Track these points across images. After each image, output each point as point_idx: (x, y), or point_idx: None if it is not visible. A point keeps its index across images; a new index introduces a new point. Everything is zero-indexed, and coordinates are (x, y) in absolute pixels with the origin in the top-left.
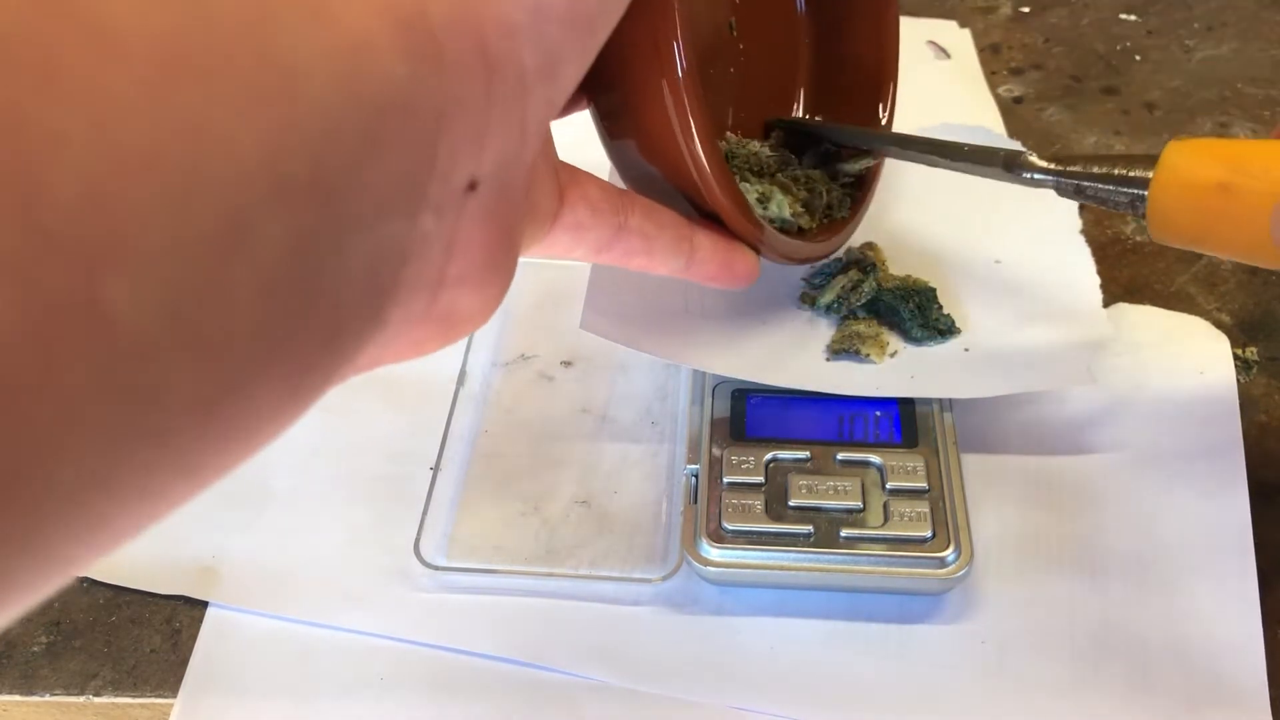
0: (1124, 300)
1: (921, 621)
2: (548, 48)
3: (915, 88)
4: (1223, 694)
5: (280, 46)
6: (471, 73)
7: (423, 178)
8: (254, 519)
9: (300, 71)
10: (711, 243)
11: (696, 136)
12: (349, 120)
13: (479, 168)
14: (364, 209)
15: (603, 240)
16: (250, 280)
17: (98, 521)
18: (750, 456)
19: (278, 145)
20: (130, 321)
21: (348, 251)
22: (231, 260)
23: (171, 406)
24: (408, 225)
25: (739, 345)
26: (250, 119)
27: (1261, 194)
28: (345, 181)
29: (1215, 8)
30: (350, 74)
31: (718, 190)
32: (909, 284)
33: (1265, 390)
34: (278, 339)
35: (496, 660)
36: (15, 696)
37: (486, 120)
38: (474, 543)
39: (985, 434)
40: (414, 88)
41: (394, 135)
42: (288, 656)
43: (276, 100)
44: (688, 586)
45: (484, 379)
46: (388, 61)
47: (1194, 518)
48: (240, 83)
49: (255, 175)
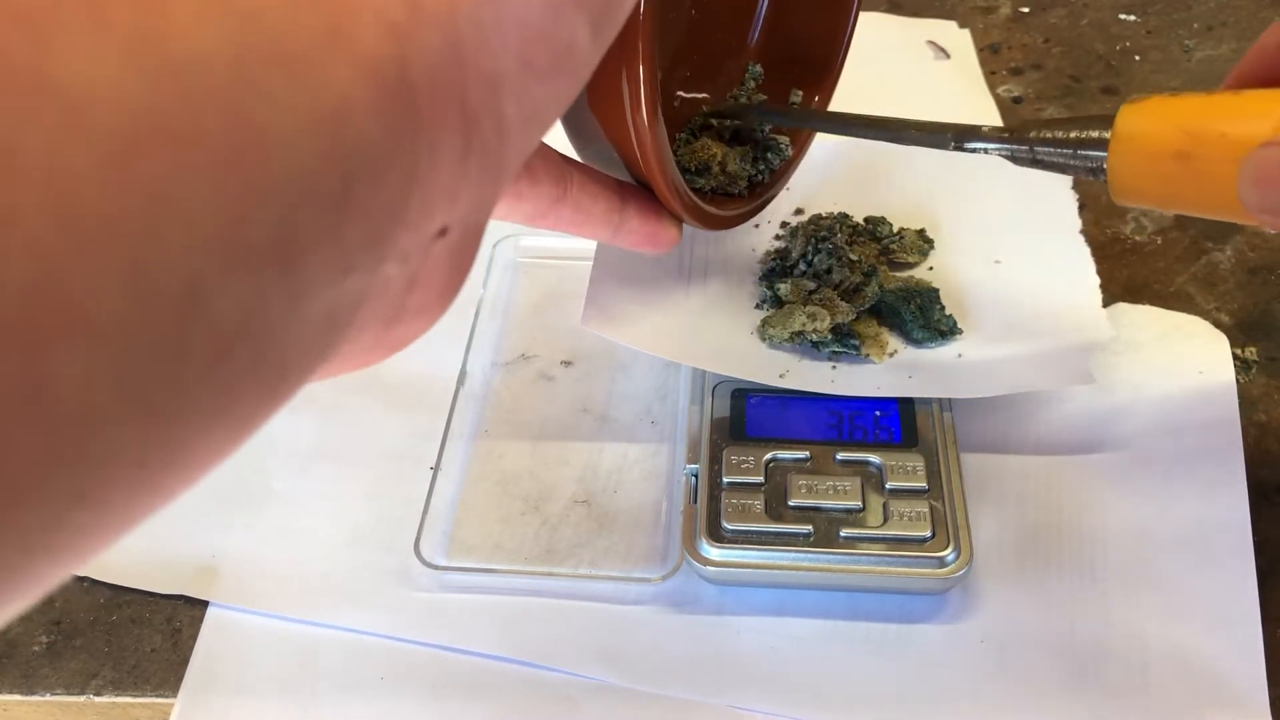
0: (1124, 300)
1: (921, 621)
2: (531, 98)
3: (915, 88)
4: (1223, 694)
5: (255, 109)
6: (450, 129)
7: (392, 233)
8: (254, 519)
9: (273, 136)
10: (640, 216)
11: (647, 123)
12: (320, 184)
13: (451, 217)
14: (328, 269)
15: (539, 209)
16: (202, 347)
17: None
18: (750, 456)
19: (243, 212)
20: (76, 398)
21: (305, 307)
22: (184, 330)
23: (113, 470)
24: (370, 276)
25: (739, 345)
26: (217, 187)
27: (1222, 160)
28: (310, 244)
29: (1215, 8)
30: (325, 137)
31: (659, 176)
32: (911, 285)
33: (1265, 390)
34: (225, 395)
35: (497, 660)
36: (16, 696)
37: (463, 172)
38: (474, 542)
39: (985, 434)
40: (389, 148)
41: (365, 197)
42: (288, 656)
43: (246, 166)
44: (688, 586)
45: (484, 379)
46: (364, 123)
47: (1194, 517)
48: (209, 150)
49: (216, 244)
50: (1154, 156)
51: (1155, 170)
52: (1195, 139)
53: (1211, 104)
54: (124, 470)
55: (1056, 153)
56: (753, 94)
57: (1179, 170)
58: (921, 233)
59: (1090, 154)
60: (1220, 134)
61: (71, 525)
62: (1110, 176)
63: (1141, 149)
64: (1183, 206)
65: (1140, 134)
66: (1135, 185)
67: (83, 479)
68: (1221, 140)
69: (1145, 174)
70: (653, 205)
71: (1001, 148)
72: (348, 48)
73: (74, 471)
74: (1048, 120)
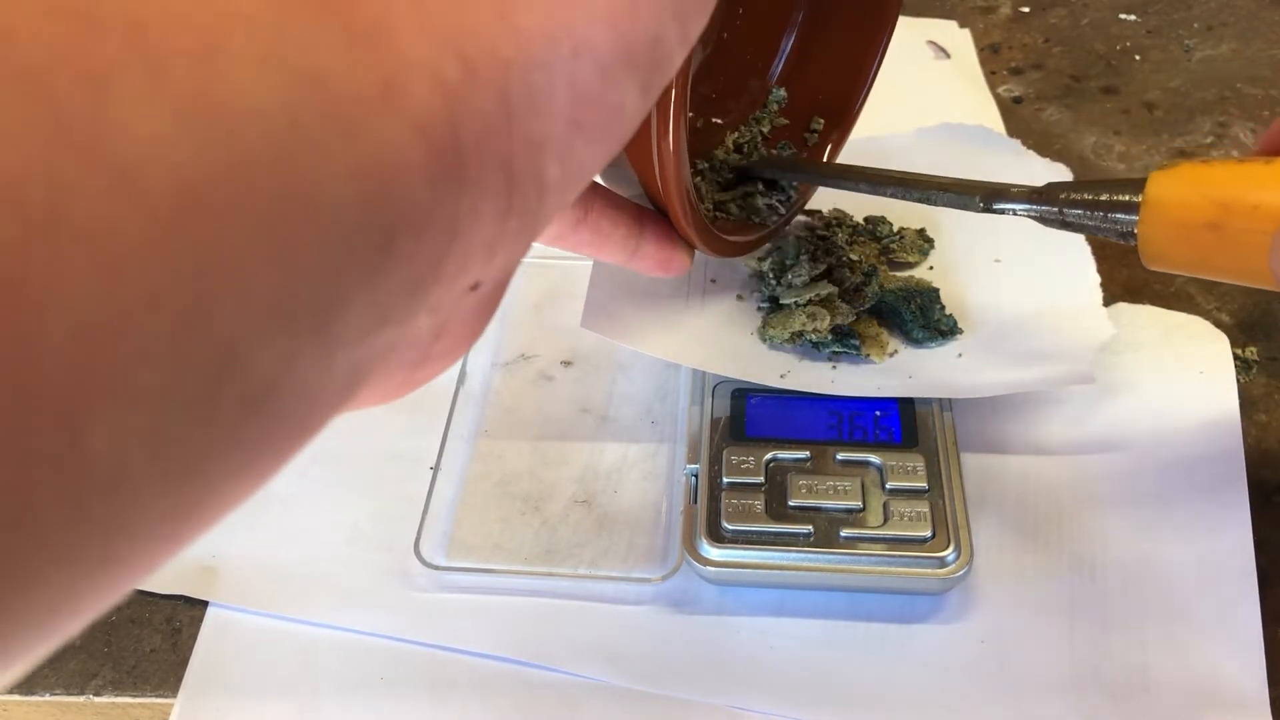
0: (1124, 300)
1: (921, 621)
2: (575, 159)
3: (915, 88)
4: (1223, 694)
5: (306, 172)
6: (493, 190)
7: (427, 288)
8: (254, 519)
9: (322, 198)
10: (656, 244)
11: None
12: (363, 244)
13: (485, 272)
14: (362, 324)
15: (559, 232)
16: (232, 408)
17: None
18: (750, 456)
19: (288, 276)
20: (109, 462)
21: (336, 361)
22: (218, 392)
23: (139, 530)
24: (401, 329)
25: (739, 346)
26: (263, 251)
27: (1254, 232)
28: (348, 303)
29: (1215, 7)
30: (372, 198)
31: (677, 204)
32: (911, 285)
33: (1265, 390)
34: (249, 451)
35: (496, 660)
36: (15, 696)
37: (501, 230)
38: (474, 542)
39: (985, 434)
40: (433, 207)
41: (405, 255)
42: (288, 656)
43: (293, 230)
44: (688, 586)
45: (484, 379)
46: (411, 183)
47: (1194, 517)
48: (258, 215)
49: (259, 308)
50: (1185, 226)
51: (1187, 240)
52: (1227, 210)
53: (1242, 174)
54: (150, 527)
55: (1087, 215)
56: (775, 117)
57: (1211, 241)
58: (921, 232)
59: (1120, 218)
60: (1252, 206)
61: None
62: (1141, 244)
63: (1173, 219)
64: (1215, 274)
65: (1171, 203)
66: (1166, 253)
67: (111, 540)
68: (1254, 213)
69: (1177, 243)
70: (668, 232)
71: (1030, 209)
72: (399, 106)
73: (104, 534)
74: (1077, 183)
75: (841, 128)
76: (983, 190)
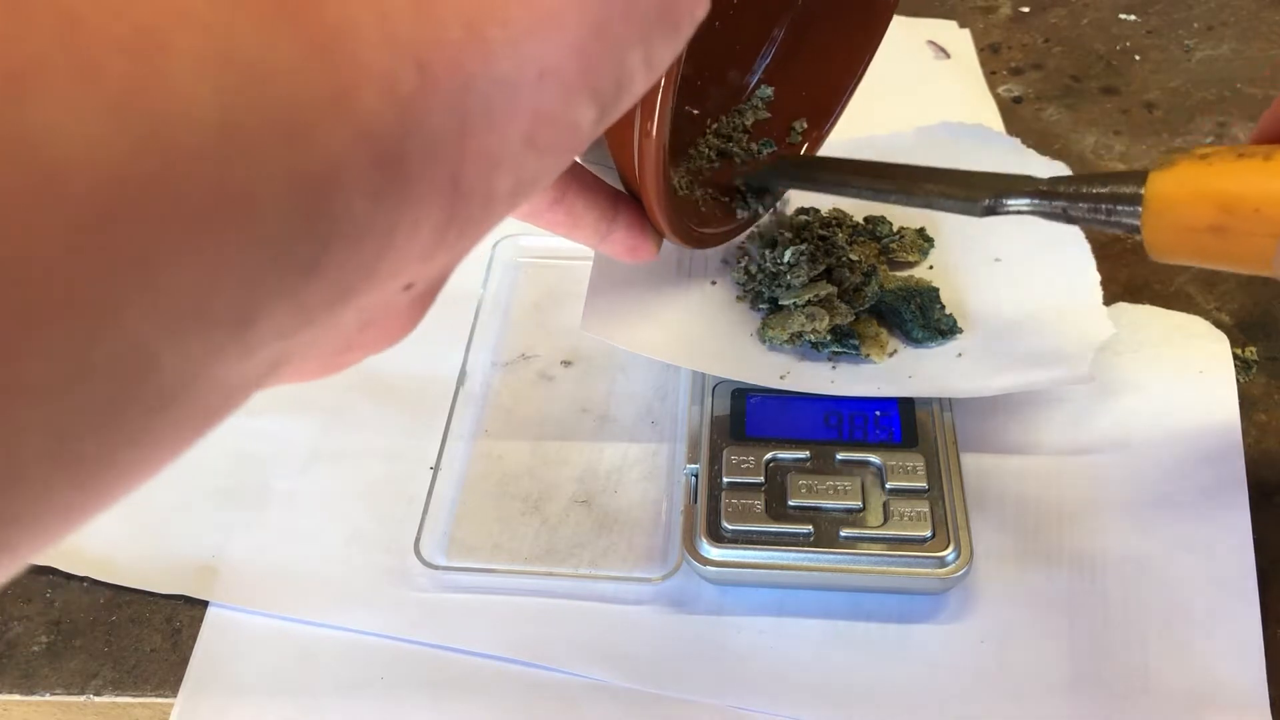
0: (1124, 300)
1: (921, 621)
2: (526, 172)
3: (915, 87)
4: (1223, 694)
5: (238, 175)
6: (437, 203)
7: (356, 293)
8: (254, 519)
9: (254, 204)
10: (626, 229)
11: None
12: (292, 253)
13: (419, 276)
14: (283, 325)
15: (534, 210)
16: (144, 405)
17: None
18: (750, 456)
19: (209, 282)
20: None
21: (254, 358)
22: (128, 391)
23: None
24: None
25: (739, 347)
26: (187, 257)
27: (1258, 235)
28: (270, 306)
29: (1215, 8)
30: (307, 207)
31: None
32: (911, 284)
33: (1265, 390)
34: (161, 441)
35: (496, 660)
36: (15, 696)
37: (440, 239)
38: (474, 542)
39: (985, 434)
40: (371, 218)
41: (335, 263)
42: (288, 656)
43: (220, 236)
44: (688, 586)
45: (484, 379)
46: (351, 196)
47: (1193, 517)
48: (183, 218)
49: (176, 312)
50: (1188, 229)
51: (1190, 242)
52: (1230, 214)
53: (1243, 172)
54: (46, 518)
55: (1092, 209)
56: (758, 111)
57: (1215, 241)
58: (921, 231)
59: (1124, 210)
60: (1254, 209)
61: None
62: (1145, 243)
63: (1175, 223)
64: (1219, 266)
65: (1173, 204)
66: (1170, 251)
67: (3, 529)
68: (1256, 216)
69: (1180, 244)
70: (640, 220)
71: (1031, 203)
72: (348, 115)
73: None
74: (1079, 176)
75: (823, 126)
76: (983, 187)
